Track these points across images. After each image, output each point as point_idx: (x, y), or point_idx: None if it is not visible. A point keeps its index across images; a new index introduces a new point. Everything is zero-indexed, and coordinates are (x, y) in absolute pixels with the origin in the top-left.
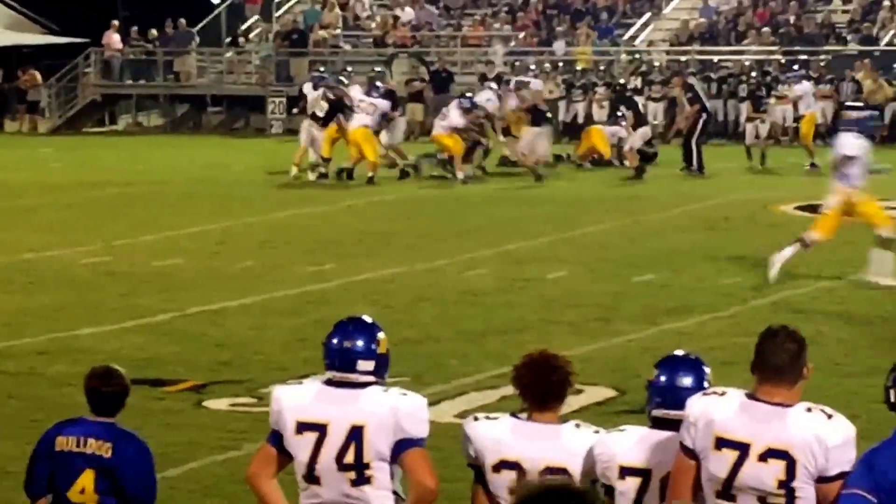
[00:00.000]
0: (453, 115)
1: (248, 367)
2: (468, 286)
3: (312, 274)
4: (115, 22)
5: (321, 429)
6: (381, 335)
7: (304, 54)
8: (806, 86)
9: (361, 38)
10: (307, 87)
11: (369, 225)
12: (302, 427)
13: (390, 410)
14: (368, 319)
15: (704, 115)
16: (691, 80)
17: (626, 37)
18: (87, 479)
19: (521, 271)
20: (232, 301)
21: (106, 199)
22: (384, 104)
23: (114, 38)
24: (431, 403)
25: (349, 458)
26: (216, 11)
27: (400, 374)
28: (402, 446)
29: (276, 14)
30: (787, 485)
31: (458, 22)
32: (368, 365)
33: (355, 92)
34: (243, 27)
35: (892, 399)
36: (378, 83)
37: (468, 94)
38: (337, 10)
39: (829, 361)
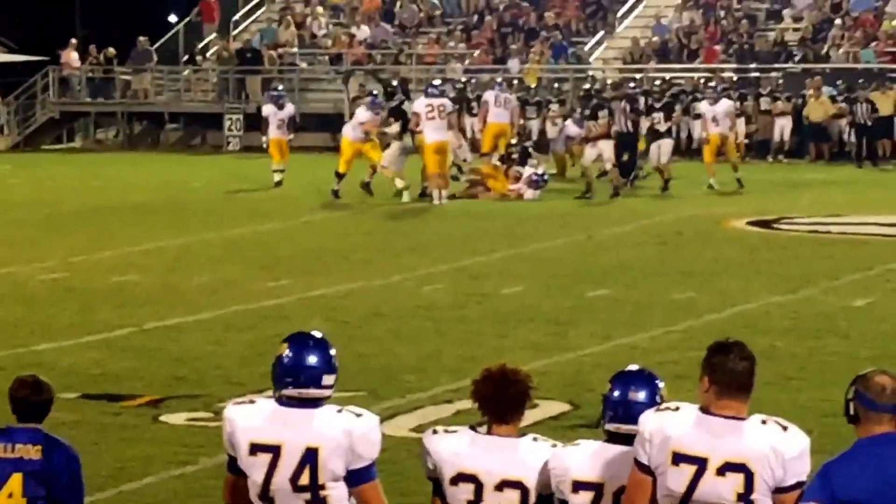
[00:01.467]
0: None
1: (206, 382)
2: (424, 301)
3: (269, 289)
4: (74, 40)
5: (275, 450)
6: (333, 349)
7: (260, 72)
8: (726, 104)
9: (317, 55)
10: (268, 108)
11: (325, 241)
12: (255, 448)
13: (344, 434)
14: (319, 334)
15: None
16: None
17: (578, 54)
18: (14, 483)
19: (477, 286)
20: (189, 316)
21: (63, 215)
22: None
23: (72, 56)
24: (387, 418)
25: (304, 479)
26: (174, 30)
27: (356, 388)
28: (355, 479)
29: (233, 32)
30: (745, 497)
31: (414, 40)
32: (331, 379)
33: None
34: (200, 45)
35: (852, 412)
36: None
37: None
38: (293, 28)
39: (782, 376)
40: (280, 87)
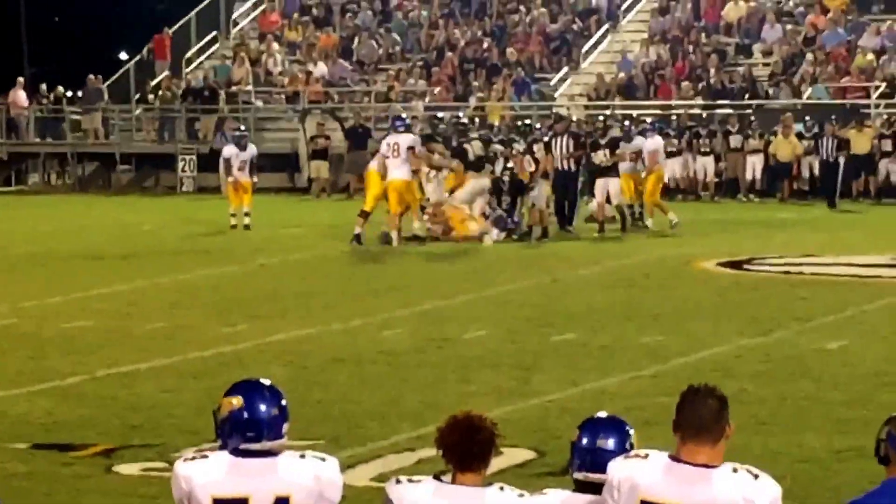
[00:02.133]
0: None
1: (160, 431)
2: (384, 346)
3: (225, 335)
4: (21, 79)
5: (241, 503)
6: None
7: (214, 111)
8: (657, 140)
9: (273, 93)
10: (229, 149)
11: (283, 284)
12: (220, 503)
13: (315, 480)
14: (268, 381)
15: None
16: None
17: (542, 91)
18: None
19: (439, 331)
20: (143, 363)
21: (13, 259)
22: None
23: (20, 96)
24: (347, 467)
25: None
26: (125, 67)
27: (315, 436)
28: None
29: (186, 70)
30: None
31: (373, 77)
32: (287, 426)
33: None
34: (153, 83)
35: (882, 453)
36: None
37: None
38: (248, 65)
39: (753, 420)
40: (242, 128)
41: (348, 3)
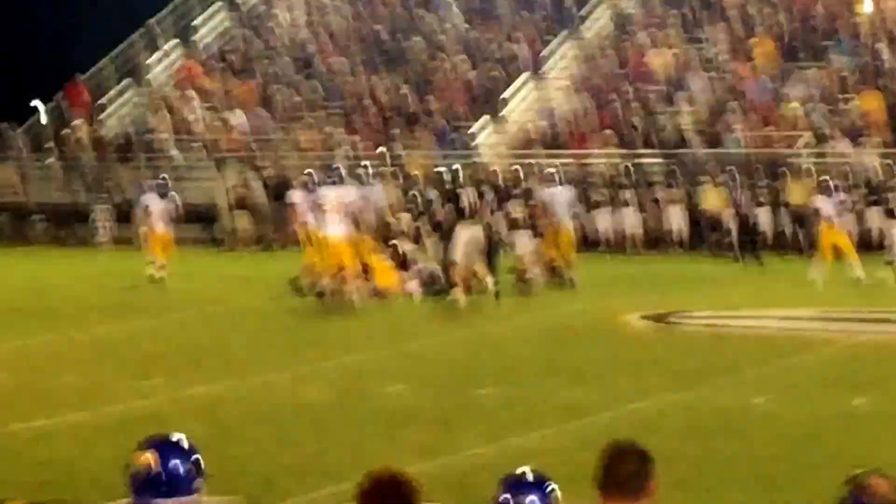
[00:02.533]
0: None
1: (73, 487)
2: (304, 400)
3: (140, 389)
4: None
5: None
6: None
7: (130, 160)
8: (559, 191)
9: (191, 143)
10: (153, 199)
11: (199, 338)
12: None
13: None
14: (184, 438)
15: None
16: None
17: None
18: None
19: (359, 385)
20: (56, 418)
21: None
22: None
23: None
24: None
25: None
26: (38, 116)
27: (233, 492)
28: None
29: (101, 118)
30: None
31: (291, 126)
32: (201, 482)
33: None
34: (66, 132)
35: None
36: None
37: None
38: (164, 113)
39: (677, 479)
40: (164, 176)
41: (266, 51)
